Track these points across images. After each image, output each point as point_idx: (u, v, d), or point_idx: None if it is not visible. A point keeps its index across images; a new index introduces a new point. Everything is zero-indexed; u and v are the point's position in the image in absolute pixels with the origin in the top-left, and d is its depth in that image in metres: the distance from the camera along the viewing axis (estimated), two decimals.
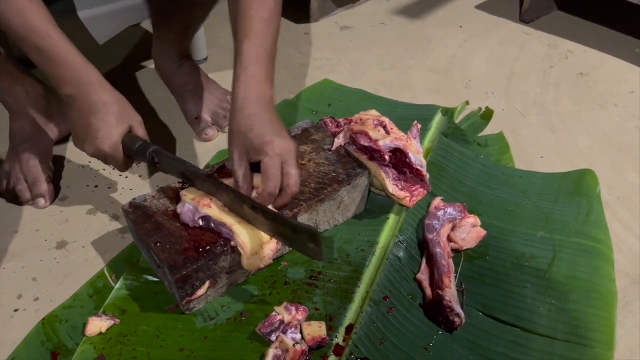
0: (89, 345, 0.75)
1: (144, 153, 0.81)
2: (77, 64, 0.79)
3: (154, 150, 0.81)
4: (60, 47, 0.77)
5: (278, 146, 0.79)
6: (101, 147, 0.81)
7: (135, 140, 0.81)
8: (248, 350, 0.75)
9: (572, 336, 0.79)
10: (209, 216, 0.78)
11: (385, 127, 0.94)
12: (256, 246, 0.77)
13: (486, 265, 0.89)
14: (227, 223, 0.77)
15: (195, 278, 0.76)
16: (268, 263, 0.79)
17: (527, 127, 1.24)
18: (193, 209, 0.79)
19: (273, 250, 0.79)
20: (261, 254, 0.78)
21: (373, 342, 0.77)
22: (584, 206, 0.98)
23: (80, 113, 0.81)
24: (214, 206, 0.79)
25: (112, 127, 0.80)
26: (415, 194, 0.91)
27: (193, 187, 0.83)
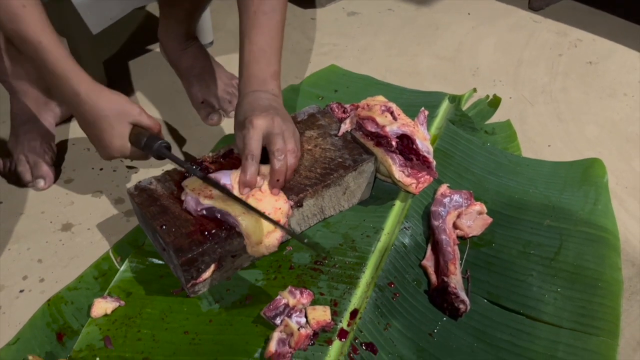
0: (94, 326, 0.76)
1: (150, 148, 0.80)
2: (65, 73, 0.76)
3: (158, 148, 0.80)
4: (49, 57, 0.75)
5: (258, 118, 0.78)
6: (111, 153, 0.82)
7: (140, 137, 0.81)
8: (253, 334, 0.75)
9: (578, 324, 0.79)
10: (213, 207, 0.77)
11: (392, 112, 0.93)
12: (261, 235, 0.77)
13: (492, 253, 0.88)
14: (231, 213, 0.76)
15: (200, 261, 0.76)
16: (272, 251, 0.79)
17: (535, 115, 1.23)
18: (195, 199, 0.78)
19: (278, 239, 0.78)
20: (266, 242, 0.77)
21: (377, 327, 0.77)
22: (591, 195, 0.98)
23: (81, 121, 0.82)
24: (216, 196, 0.78)
25: (112, 133, 0.80)
26: (421, 181, 0.91)
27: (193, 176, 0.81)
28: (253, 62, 0.85)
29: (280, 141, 0.79)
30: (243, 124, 0.80)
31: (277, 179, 0.79)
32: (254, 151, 0.78)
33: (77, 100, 0.78)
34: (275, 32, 0.86)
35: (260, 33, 0.84)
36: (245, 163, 0.78)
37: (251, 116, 0.79)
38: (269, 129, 0.79)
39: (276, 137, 0.79)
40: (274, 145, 0.79)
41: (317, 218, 0.90)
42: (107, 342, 0.74)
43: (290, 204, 0.81)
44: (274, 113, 0.81)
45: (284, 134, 0.80)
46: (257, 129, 0.78)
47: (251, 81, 0.85)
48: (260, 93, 0.84)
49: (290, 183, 0.84)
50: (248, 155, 0.78)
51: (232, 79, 1.22)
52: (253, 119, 0.79)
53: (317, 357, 0.72)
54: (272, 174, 0.79)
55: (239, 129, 0.82)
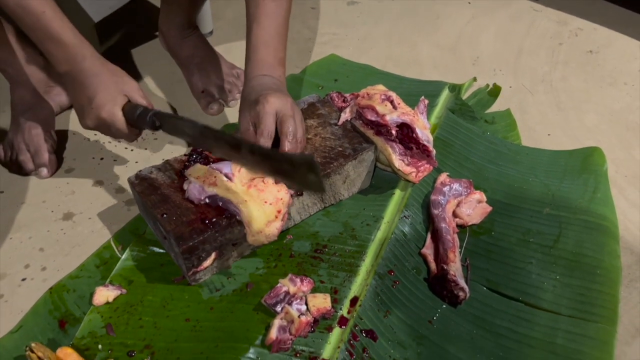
0: (96, 314, 0.76)
1: (144, 118, 0.79)
2: (70, 40, 0.78)
3: (155, 114, 0.79)
4: (53, 25, 0.76)
5: (273, 96, 0.79)
6: (100, 115, 0.80)
7: (135, 108, 0.81)
8: (253, 321, 0.75)
9: (576, 311, 0.79)
10: (216, 195, 0.77)
11: (392, 101, 0.93)
12: (261, 225, 0.77)
13: (491, 241, 0.89)
14: (233, 201, 0.77)
15: (201, 249, 0.76)
16: (272, 240, 0.79)
17: (535, 105, 1.23)
18: (199, 187, 0.78)
19: (278, 229, 0.78)
20: (266, 231, 0.77)
21: (377, 314, 0.77)
22: (591, 183, 0.98)
23: (77, 89, 0.81)
24: (219, 183, 0.78)
25: (108, 96, 0.80)
26: (421, 170, 0.91)
27: (197, 165, 0.82)
28: (262, 46, 0.85)
29: (293, 124, 0.79)
30: (256, 102, 0.80)
31: None
32: (269, 127, 0.78)
33: (80, 64, 0.79)
34: (283, 19, 0.87)
35: (269, 19, 0.85)
36: (260, 139, 0.78)
37: (266, 94, 0.80)
38: (284, 109, 0.79)
39: (290, 119, 0.79)
40: (287, 126, 0.79)
41: (317, 207, 0.90)
42: (109, 329, 0.74)
43: (290, 193, 0.81)
44: (287, 95, 0.81)
45: (295, 118, 0.80)
46: (272, 106, 0.79)
47: (259, 65, 0.85)
48: (268, 77, 0.85)
49: None
50: (264, 131, 0.78)
51: (233, 68, 1.22)
52: (268, 96, 0.79)
53: (318, 343, 0.73)
54: None
55: (251, 107, 0.81)
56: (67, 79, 0.82)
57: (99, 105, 0.80)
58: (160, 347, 0.72)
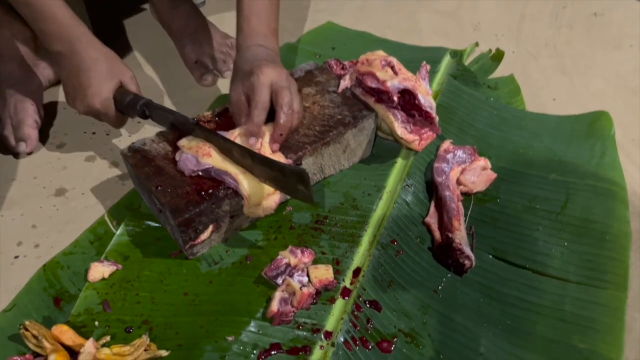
0: (92, 290, 0.75)
1: (134, 106, 0.79)
2: (65, 19, 0.77)
3: (144, 103, 0.79)
4: (48, 2, 0.75)
5: (268, 67, 0.77)
6: (92, 103, 0.80)
7: (125, 95, 0.81)
8: (254, 294, 0.74)
9: (585, 278, 0.78)
10: (211, 166, 0.75)
11: (393, 67, 0.90)
12: (259, 197, 0.75)
13: (497, 208, 0.87)
14: (230, 172, 0.74)
15: (197, 222, 0.74)
16: (269, 213, 0.77)
17: (539, 69, 1.20)
18: (192, 158, 0.76)
19: (276, 202, 0.76)
20: (264, 204, 0.75)
21: (381, 284, 0.76)
22: (598, 148, 0.96)
23: (69, 70, 0.80)
24: (214, 154, 0.75)
25: (102, 83, 0.79)
26: (424, 137, 0.88)
27: (191, 135, 0.79)
28: (255, 16, 0.84)
29: (288, 95, 0.77)
30: (249, 73, 0.78)
31: (280, 133, 0.77)
32: (264, 99, 0.76)
33: (75, 46, 0.78)
34: None
35: None
36: (254, 112, 0.76)
37: (260, 65, 0.77)
38: (279, 80, 0.77)
39: (285, 90, 0.77)
40: (283, 98, 0.77)
41: (317, 177, 0.88)
42: (106, 306, 0.73)
43: (288, 163, 0.78)
44: (281, 66, 0.79)
45: (291, 89, 0.78)
46: (267, 77, 0.76)
47: (252, 36, 0.83)
48: (262, 48, 0.83)
49: (289, 141, 0.82)
50: (258, 102, 0.76)
51: (227, 38, 1.18)
52: (263, 67, 0.77)
53: (321, 315, 0.71)
54: (276, 127, 0.77)
55: (244, 78, 0.79)
56: (59, 58, 0.80)
57: (94, 94, 0.79)
58: (158, 322, 0.71)
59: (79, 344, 0.66)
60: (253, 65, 0.78)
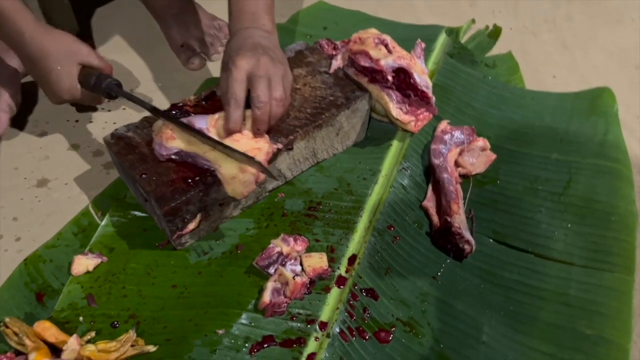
0: (76, 284, 0.72)
1: (99, 87, 0.78)
2: (8, 12, 0.73)
3: (108, 85, 0.78)
4: None
5: (242, 59, 0.72)
6: (61, 95, 0.79)
7: (89, 76, 0.78)
8: (245, 284, 0.71)
9: (590, 261, 0.76)
10: (179, 150, 0.72)
11: (387, 45, 0.87)
12: (234, 169, 0.71)
13: (497, 190, 0.85)
14: (199, 152, 0.71)
15: (185, 210, 0.71)
16: (251, 189, 0.73)
17: (538, 45, 1.17)
18: (159, 143, 0.73)
19: (254, 174, 0.72)
20: (240, 177, 0.71)
21: (378, 272, 0.73)
22: (601, 126, 0.93)
23: (27, 65, 0.78)
24: (178, 136, 0.72)
25: (61, 71, 0.77)
26: (420, 118, 0.86)
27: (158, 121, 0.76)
28: None
29: (262, 85, 0.72)
30: (226, 65, 0.74)
31: (257, 127, 0.73)
32: (236, 94, 0.71)
33: (22, 40, 0.75)
34: None
35: None
36: (228, 108, 0.71)
37: (235, 56, 0.73)
38: (253, 70, 0.72)
39: (259, 81, 0.72)
40: (255, 89, 0.72)
41: (309, 162, 0.85)
42: (91, 300, 0.71)
43: (277, 146, 0.75)
44: (261, 52, 0.73)
45: (271, 78, 0.73)
46: (240, 70, 0.72)
47: (241, 17, 0.79)
48: (251, 30, 0.78)
49: (279, 125, 0.79)
50: (230, 99, 0.71)
51: (214, 19, 1.14)
52: (236, 58, 0.72)
53: (315, 305, 0.69)
54: (252, 122, 0.73)
55: (223, 70, 0.75)
56: (15, 51, 0.78)
57: (55, 84, 0.77)
58: (145, 317, 0.69)
59: (62, 340, 0.64)
60: (230, 56, 0.74)
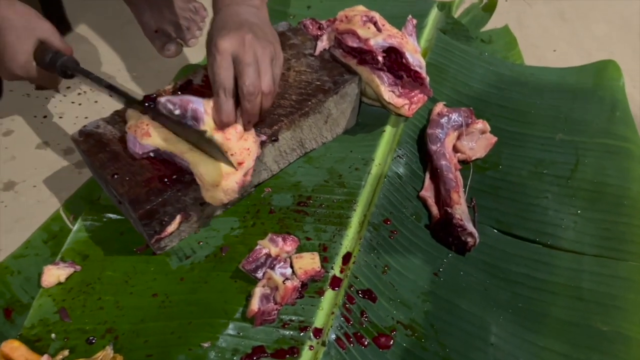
0: (47, 297, 0.68)
1: (54, 65, 0.73)
2: None
3: (64, 63, 0.73)
4: None
5: (225, 41, 0.64)
6: (11, 68, 0.73)
7: (46, 53, 0.74)
8: (231, 291, 0.67)
9: (603, 249, 0.73)
10: (154, 148, 0.67)
11: (376, 23, 0.82)
12: (216, 176, 0.66)
13: (499, 176, 0.82)
14: (176, 152, 0.66)
15: (162, 212, 0.67)
16: (233, 197, 0.68)
17: (535, 18, 1.15)
18: (134, 140, 0.68)
19: (239, 183, 0.67)
20: (223, 185, 0.66)
21: (375, 270, 0.70)
22: (607, 101, 0.90)
23: None
24: (153, 133, 0.66)
25: (17, 45, 0.72)
26: (414, 101, 0.82)
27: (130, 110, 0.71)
28: None
29: (251, 74, 0.64)
30: (208, 51, 0.67)
31: (248, 120, 0.68)
32: (224, 83, 0.64)
33: None
34: None
35: None
36: (218, 100, 0.65)
37: (217, 37, 0.65)
38: (239, 54, 0.64)
39: (246, 69, 0.64)
40: (243, 78, 0.64)
41: (296, 153, 0.80)
42: (63, 315, 0.66)
43: (261, 139, 0.70)
44: (246, 31, 0.65)
45: (259, 63, 0.65)
46: (224, 54, 0.64)
47: None
48: (236, 7, 0.70)
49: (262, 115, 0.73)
50: (219, 89, 0.64)
51: (189, 2, 1.08)
52: (218, 40, 0.64)
53: (308, 310, 0.65)
54: (242, 115, 0.67)
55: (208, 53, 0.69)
56: None
57: (10, 58, 0.72)
58: (124, 330, 0.65)
59: None
60: (211, 39, 0.67)
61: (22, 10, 0.72)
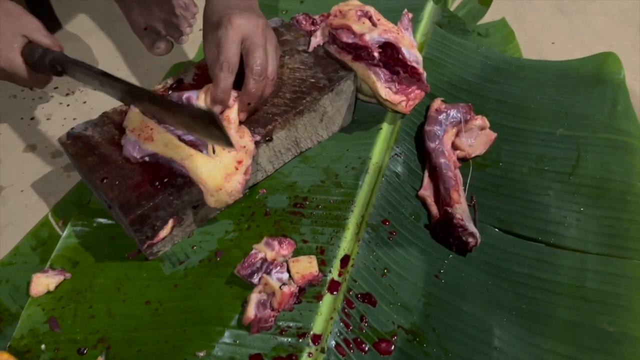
0: (36, 306, 0.66)
1: (43, 62, 0.70)
2: None
3: (54, 57, 0.69)
4: None
5: (239, 18, 0.65)
6: None
7: (34, 50, 0.70)
8: (226, 297, 0.65)
9: (607, 247, 0.71)
10: (154, 153, 0.65)
11: (371, 17, 0.80)
12: (219, 179, 0.64)
13: (499, 173, 0.80)
14: (176, 158, 0.64)
15: (154, 217, 0.65)
16: (237, 197, 0.66)
17: (533, 10, 1.13)
18: (135, 143, 0.66)
19: (241, 183, 0.65)
20: (226, 187, 0.64)
21: (374, 273, 0.68)
22: (608, 95, 0.88)
23: None
24: (156, 138, 0.65)
25: (3, 43, 0.69)
26: (411, 97, 0.80)
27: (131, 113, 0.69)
28: None
29: (262, 54, 0.65)
30: (218, 25, 0.66)
31: (248, 102, 0.67)
32: (230, 58, 0.64)
33: None
34: None
35: None
36: (219, 74, 0.64)
37: (230, 14, 0.65)
38: (252, 34, 0.65)
39: (258, 50, 0.65)
40: (255, 59, 0.65)
41: (291, 152, 0.78)
42: (54, 324, 0.65)
43: (256, 139, 0.68)
44: (259, 15, 0.67)
45: (267, 47, 0.67)
46: (237, 30, 0.64)
47: None
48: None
49: (255, 113, 0.72)
50: (223, 63, 0.64)
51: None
52: (232, 17, 0.65)
53: (306, 316, 0.63)
54: (243, 94, 0.66)
55: (213, 32, 0.68)
56: None
57: None
58: (116, 339, 0.63)
59: None
60: (222, 15, 0.67)
61: (8, 7, 0.70)
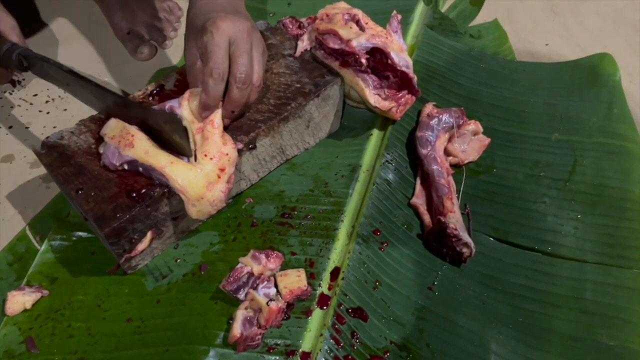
0: (12, 326, 0.64)
1: (10, 57, 0.68)
2: None
3: (22, 52, 0.68)
4: None
5: (224, 21, 0.63)
6: None
7: (1, 44, 0.69)
8: (212, 313, 0.63)
9: (605, 257, 0.70)
10: (134, 159, 0.62)
11: (359, 21, 0.78)
12: (200, 188, 0.62)
13: (494, 180, 0.78)
14: (156, 166, 0.61)
15: (131, 230, 0.62)
16: (220, 207, 0.63)
17: (526, 11, 1.11)
18: (115, 150, 0.63)
19: (224, 191, 0.62)
20: (208, 196, 0.62)
21: (365, 286, 0.66)
22: (604, 98, 0.87)
23: None
24: (137, 145, 0.62)
25: None
26: (402, 102, 0.77)
27: (115, 119, 0.66)
28: None
29: (247, 61, 0.63)
30: (203, 29, 0.64)
31: (231, 109, 0.65)
32: (219, 65, 0.62)
33: None
34: None
35: None
36: (209, 80, 0.62)
37: (215, 17, 0.63)
38: (237, 38, 0.63)
39: (243, 56, 0.63)
40: (239, 65, 0.63)
41: (277, 160, 0.76)
42: (30, 345, 0.62)
43: (238, 147, 0.65)
44: (246, 19, 0.66)
45: (253, 53, 0.65)
46: (223, 35, 0.62)
47: None
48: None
49: (239, 120, 0.70)
50: (213, 69, 0.62)
51: (163, 1, 1.02)
52: (217, 20, 0.62)
53: (295, 333, 0.61)
54: (227, 101, 0.64)
55: (197, 36, 0.65)
56: None
57: None
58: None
59: None
60: (206, 19, 0.65)
61: None
